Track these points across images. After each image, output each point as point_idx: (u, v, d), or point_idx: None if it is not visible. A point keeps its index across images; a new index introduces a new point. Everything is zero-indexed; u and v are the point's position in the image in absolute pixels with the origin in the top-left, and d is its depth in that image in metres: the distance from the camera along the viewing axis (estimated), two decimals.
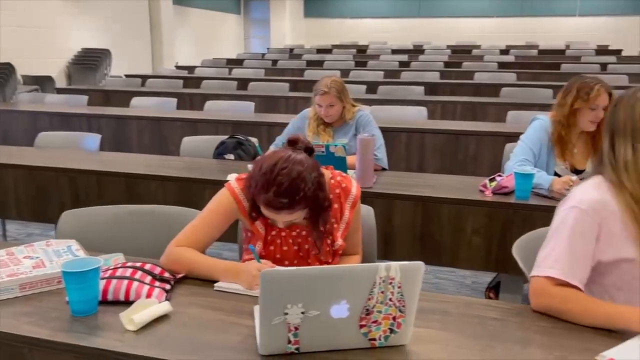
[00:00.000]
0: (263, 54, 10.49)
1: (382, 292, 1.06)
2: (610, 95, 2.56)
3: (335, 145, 2.44)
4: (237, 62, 9.22)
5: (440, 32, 13.68)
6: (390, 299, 1.07)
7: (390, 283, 1.06)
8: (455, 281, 3.21)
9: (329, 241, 1.56)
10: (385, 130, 3.94)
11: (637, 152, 1.34)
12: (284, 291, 1.02)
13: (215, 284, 1.41)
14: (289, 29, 14.16)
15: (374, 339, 1.11)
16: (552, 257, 1.35)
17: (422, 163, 3.92)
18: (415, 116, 4.38)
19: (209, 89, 6.04)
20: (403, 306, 1.09)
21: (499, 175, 2.47)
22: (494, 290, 2.56)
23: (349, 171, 2.54)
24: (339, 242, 1.56)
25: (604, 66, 7.34)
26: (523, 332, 1.26)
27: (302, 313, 1.04)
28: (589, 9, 13.06)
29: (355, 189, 1.60)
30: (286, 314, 1.03)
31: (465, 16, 13.96)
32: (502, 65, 7.77)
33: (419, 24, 14.21)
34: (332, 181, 1.57)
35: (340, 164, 2.48)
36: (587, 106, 2.50)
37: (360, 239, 1.69)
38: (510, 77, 6.50)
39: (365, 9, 14.55)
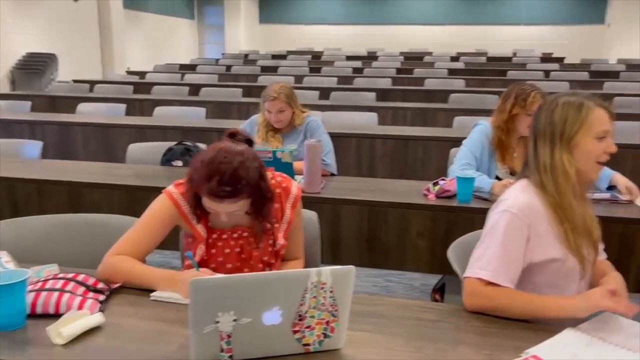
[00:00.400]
0: (217, 60, 10.41)
1: (314, 297, 1.07)
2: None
3: (282, 151, 2.44)
4: (190, 68, 9.11)
5: (394, 39, 13.91)
6: (323, 304, 1.08)
7: (322, 288, 1.07)
8: (405, 284, 3.26)
9: (270, 241, 1.57)
10: (335, 136, 3.97)
11: (554, 155, 1.41)
12: (214, 299, 1.01)
13: (152, 294, 1.38)
14: (244, 35, 14.10)
15: (308, 344, 1.12)
16: (485, 259, 1.40)
17: (372, 168, 3.97)
18: (366, 122, 4.44)
19: (159, 95, 5.94)
20: (336, 310, 1.10)
21: (442, 179, 2.53)
22: (439, 292, 2.61)
23: (297, 177, 2.56)
24: (281, 241, 1.57)
25: (547, 73, 7.63)
26: (456, 332, 1.29)
27: (234, 321, 1.03)
28: (534, 18, 13.57)
29: (295, 189, 1.62)
30: (217, 322, 1.03)
31: (418, 24, 14.26)
32: (452, 72, 7.98)
33: (373, 30, 14.41)
34: (273, 181, 1.59)
35: (288, 170, 2.48)
36: (524, 112, 2.60)
37: (302, 242, 1.70)
38: (459, 83, 6.68)
39: (320, 16, 14.65)
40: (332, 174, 2.94)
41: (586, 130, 1.39)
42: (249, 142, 1.51)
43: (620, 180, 2.44)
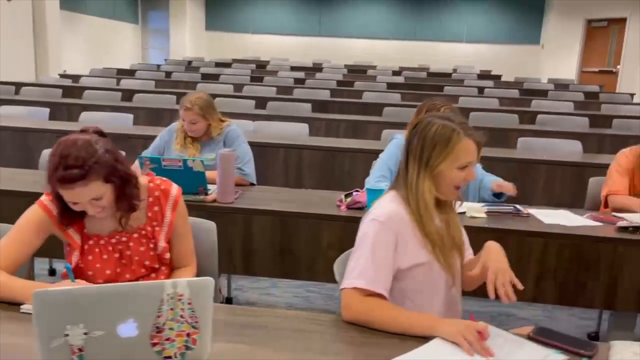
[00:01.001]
0: (159, 66, 10.22)
1: (172, 309, 1.06)
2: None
3: (193, 160, 2.41)
4: (128, 73, 8.90)
5: (341, 52, 14.08)
6: (182, 316, 1.07)
7: (180, 300, 1.05)
8: (324, 294, 3.27)
9: (151, 244, 1.55)
10: (264, 146, 4.00)
11: (419, 179, 1.49)
12: (61, 311, 0.98)
13: (22, 306, 1.33)
14: (190, 41, 13.92)
15: (170, 357, 1.10)
16: (358, 269, 1.43)
17: (299, 179, 3.98)
18: (297, 133, 4.45)
19: (90, 100, 5.76)
20: (196, 322, 1.09)
21: (356, 191, 2.57)
22: None
23: (211, 186, 2.54)
24: (162, 244, 1.56)
25: (481, 90, 7.91)
26: (331, 342, 1.31)
27: (85, 334, 1.01)
28: (476, 37, 14.06)
29: (175, 191, 1.61)
30: (67, 335, 1.00)
31: (365, 37, 14.49)
32: (391, 86, 8.13)
33: (320, 43, 14.54)
34: (151, 184, 1.58)
35: (199, 179, 2.46)
36: None
37: (191, 249, 1.68)
38: (395, 97, 6.82)
39: (268, 25, 14.66)
40: (252, 184, 2.93)
41: (451, 161, 1.48)
42: (101, 134, 1.49)
43: (505, 186, 2.58)
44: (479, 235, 2.35)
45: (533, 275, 2.34)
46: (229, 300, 3.11)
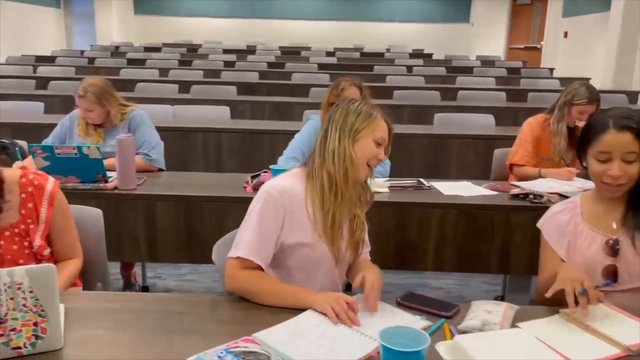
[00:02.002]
0: (82, 52, 9.79)
1: (12, 299, 1.03)
2: (360, 89, 2.80)
3: (89, 147, 2.33)
4: (49, 60, 8.48)
5: (276, 34, 13.93)
6: (25, 305, 1.04)
7: (19, 288, 1.02)
8: None
9: (26, 243, 1.50)
10: (181, 131, 3.93)
11: (341, 142, 1.51)
12: None
13: None
14: (118, 26, 13.38)
15: (19, 347, 1.07)
16: (244, 239, 1.46)
17: (220, 163, 3.94)
18: (218, 116, 4.39)
19: (2, 89, 5.46)
20: (42, 311, 1.06)
21: (265, 172, 2.56)
22: None
23: (112, 173, 2.47)
24: (38, 242, 1.51)
25: (410, 68, 8.04)
26: (197, 322, 1.30)
27: None
28: (409, 16, 14.25)
29: (50, 185, 1.55)
30: None
31: (300, 19, 14.40)
32: (322, 67, 8.13)
33: (255, 25, 14.32)
34: (24, 179, 1.51)
35: (97, 166, 2.39)
36: (338, 100, 2.72)
37: (75, 240, 1.64)
38: (324, 77, 6.83)
39: (200, 8, 14.29)
40: (161, 170, 2.87)
41: (371, 130, 1.52)
42: None
43: None
44: (382, 210, 2.42)
45: (434, 245, 2.42)
46: (145, 289, 3.06)
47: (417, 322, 1.30)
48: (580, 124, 2.82)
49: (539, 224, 1.65)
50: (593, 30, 9.23)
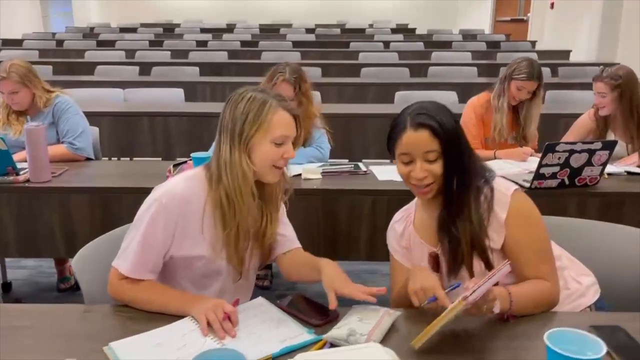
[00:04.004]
0: (54, 34, 9.54)
1: None
2: (296, 86, 2.61)
3: None
4: (16, 43, 8.24)
5: (261, 12, 13.55)
6: None
7: None
8: None
9: None
10: (126, 115, 3.78)
11: (233, 154, 1.33)
12: None
13: None
14: (97, 6, 13.05)
15: None
16: (128, 250, 1.34)
17: (169, 148, 3.79)
18: (172, 99, 4.23)
19: None
20: None
21: (188, 160, 2.43)
22: None
23: (22, 164, 2.32)
24: None
25: (387, 44, 7.82)
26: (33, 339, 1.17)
27: None
28: None
29: None
30: None
31: None
32: (298, 44, 7.91)
33: (238, 2, 13.97)
34: None
35: (5, 159, 2.24)
36: (270, 85, 2.57)
37: None
38: (294, 56, 6.62)
39: None
40: (89, 159, 2.73)
41: (264, 132, 1.33)
42: None
43: None
44: (310, 199, 2.29)
45: (366, 234, 2.29)
46: (6, 287, 2.89)
47: (302, 335, 1.16)
48: (515, 101, 2.68)
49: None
50: (579, 0, 8.97)
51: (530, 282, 1.28)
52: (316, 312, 1.22)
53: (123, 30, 10.23)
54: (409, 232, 1.44)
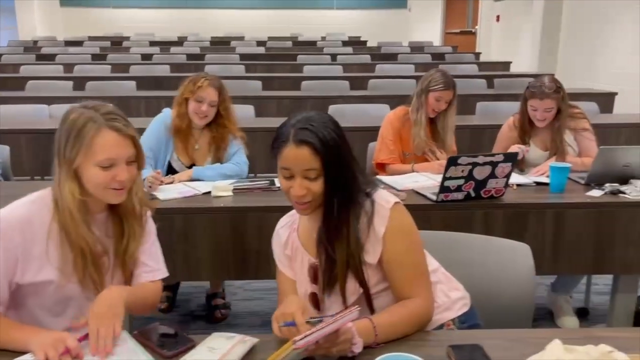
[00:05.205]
0: None
1: None
2: (219, 91, 2.56)
3: None
4: None
5: (213, 24, 13.50)
6: None
7: None
8: None
9: None
10: (49, 133, 3.63)
11: (61, 175, 1.28)
12: None
13: None
14: (41, 19, 12.71)
15: None
16: None
17: None
18: None
19: None
20: None
21: None
22: None
23: None
24: None
25: (334, 57, 7.86)
26: None
27: None
28: (346, 3, 14.07)
29: None
30: None
31: (236, 8, 14.03)
32: (245, 57, 7.86)
33: (191, 15, 13.86)
34: None
35: None
36: (193, 97, 2.53)
37: None
38: (238, 69, 6.58)
39: None
40: None
41: (85, 156, 1.26)
42: None
43: None
44: (218, 217, 2.23)
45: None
46: None
47: None
48: (434, 113, 2.70)
49: None
50: (522, 14, 9.24)
51: (398, 304, 1.26)
52: (172, 342, 1.17)
53: (68, 43, 9.99)
54: (293, 239, 1.40)
